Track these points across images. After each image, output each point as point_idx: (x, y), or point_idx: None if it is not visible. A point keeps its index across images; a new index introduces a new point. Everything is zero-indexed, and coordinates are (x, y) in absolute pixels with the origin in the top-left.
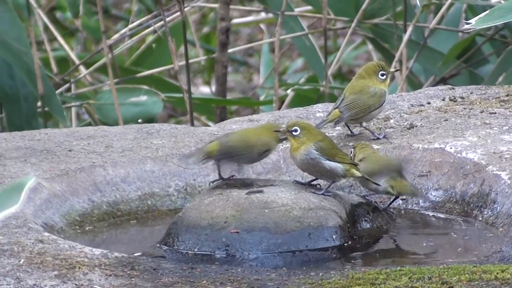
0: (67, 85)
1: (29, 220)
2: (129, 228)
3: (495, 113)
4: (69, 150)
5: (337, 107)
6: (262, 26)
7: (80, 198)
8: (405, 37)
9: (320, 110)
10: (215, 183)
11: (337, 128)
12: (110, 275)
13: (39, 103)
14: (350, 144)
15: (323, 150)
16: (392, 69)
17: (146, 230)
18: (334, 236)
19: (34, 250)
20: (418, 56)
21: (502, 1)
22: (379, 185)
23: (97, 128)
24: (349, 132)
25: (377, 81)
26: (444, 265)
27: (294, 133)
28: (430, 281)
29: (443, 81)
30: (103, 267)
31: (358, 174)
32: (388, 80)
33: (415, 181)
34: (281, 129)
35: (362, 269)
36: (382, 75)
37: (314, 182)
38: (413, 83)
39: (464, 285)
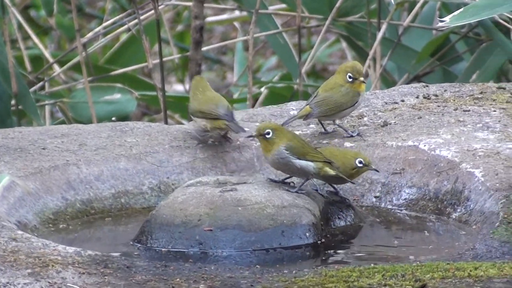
0: (41, 84)
1: (2, 218)
2: (103, 226)
3: (469, 110)
4: (43, 148)
5: (308, 104)
6: (236, 24)
7: (53, 196)
8: (379, 35)
9: (294, 108)
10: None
11: (311, 126)
12: (84, 273)
13: (13, 102)
14: (324, 141)
15: (293, 149)
16: (361, 78)
17: (119, 228)
18: (307, 234)
19: (8, 248)
20: (392, 54)
21: None
22: (354, 183)
23: (71, 126)
24: (322, 130)
25: (346, 82)
26: (418, 262)
27: (267, 136)
28: (403, 278)
29: (417, 78)
30: (76, 265)
31: (331, 172)
32: (363, 86)
33: (388, 178)
34: (253, 134)
35: (336, 267)
36: (350, 77)
37: (288, 180)
38: (387, 81)
39: (437, 283)
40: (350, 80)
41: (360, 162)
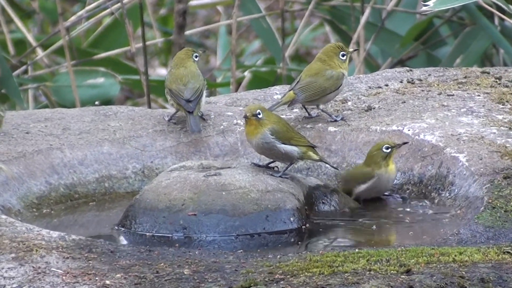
0: (24, 67)
1: None
2: (87, 211)
3: (453, 95)
4: (26, 133)
5: (292, 89)
6: (219, 8)
7: (37, 181)
8: (363, 19)
9: (277, 92)
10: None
11: (295, 110)
12: (68, 257)
13: None
14: (308, 126)
15: (278, 133)
16: (350, 49)
17: (103, 213)
18: (291, 219)
19: None
20: (375, 38)
21: None
22: (337, 168)
23: (54, 110)
24: (306, 114)
25: (338, 63)
26: (402, 247)
27: (258, 116)
28: (388, 263)
29: (400, 63)
30: (60, 249)
31: (315, 157)
32: (347, 62)
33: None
34: (246, 115)
35: (320, 252)
36: (343, 55)
37: (272, 165)
38: (371, 65)
39: (422, 268)
40: (344, 58)
41: (387, 148)
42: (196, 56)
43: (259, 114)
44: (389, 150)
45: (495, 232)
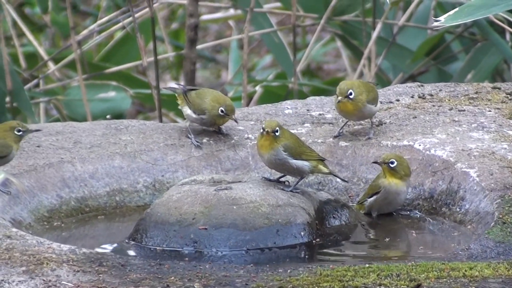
0: (35, 81)
1: None
2: (97, 224)
3: (464, 110)
4: (38, 146)
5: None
6: (231, 22)
7: (48, 194)
8: (374, 34)
9: (288, 107)
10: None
11: (306, 125)
12: (78, 271)
13: (7, 99)
14: (319, 140)
15: (290, 149)
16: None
17: (114, 226)
18: (302, 233)
19: (2, 246)
20: (387, 53)
21: None
22: (347, 182)
23: (65, 124)
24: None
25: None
26: (413, 262)
27: (276, 133)
28: (398, 278)
29: (411, 78)
30: (71, 263)
31: (325, 170)
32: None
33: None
34: (267, 130)
35: (331, 266)
36: (18, 131)
37: (283, 179)
38: (382, 80)
39: (432, 282)
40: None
41: (392, 163)
42: (19, 131)
43: (277, 131)
44: (383, 165)
45: (506, 247)
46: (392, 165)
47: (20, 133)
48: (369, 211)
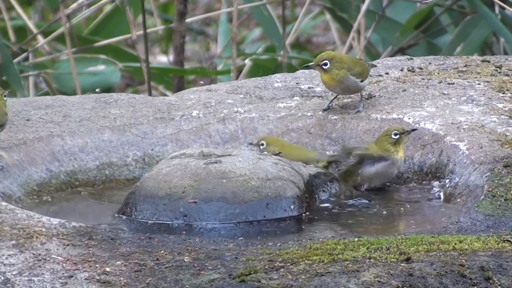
0: (25, 54)
1: None
2: (87, 198)
3: (453, 83)
4: (27, 120)
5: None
6: None
7: (38, 168)
8: (363, 7)
9: (278, 80)
10: None
11: (295, 98)
12: (68, 244)
13: None
14: (308, 114)
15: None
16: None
17: (104, 200)
18: (292, 206)
19: None
20: (376, 26)
21: None
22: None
23: (55, 97)
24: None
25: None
26: (402, 235)
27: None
28: (388, 251)
29: (401, 51)
30: (61, 236)
31: None
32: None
33: None
34: None
35: (320, 240)
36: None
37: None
38: (371, 54)
39: (422, 256)
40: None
41: (396, 134)
42: (5, 96)
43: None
44: (398, 136)
45: (495, 221)
46: (325, 67)
47: (5, 98)
48: (361, 183)
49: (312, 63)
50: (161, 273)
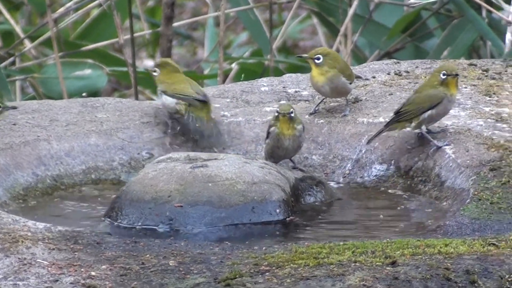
0: (11, 59)
1: None
2: (73, 202)
3: None
4: (14, 124)
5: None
6: (207, 0)
7: (24, 172)
8: (350, 11)
9: (265, 84)
10: None
11: (282, 102)
12: (54, 249)
13: None
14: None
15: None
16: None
17: (89, 204)
18: (277, 210)
19: None
20: (363, 30)
21: None
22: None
23: (41, 102)
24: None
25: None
26: (388, 239)
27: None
28: (373, 255)
29: (388, 55)
30: (46, 241)
31: None
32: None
33: (359, 155)
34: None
35: (306, 243)
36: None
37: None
38: (358, 57)
39: (407, 259)
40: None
41: (444, 74)
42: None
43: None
44: (445, 77)
45: (481, 224)
46: (317, 61)
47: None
48: (419, 126)
49: (306, 55)
50: (146, 277)
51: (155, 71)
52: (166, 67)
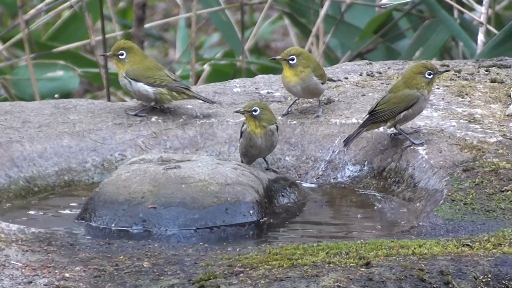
0: None
1: None
2: (46, 204)
3: None
4: None
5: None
6: (178, 0)
7: None
8: (322, 12)
9: (237, 85)
10: None
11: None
12: (27, 250)
13: None
14: (292, 120)
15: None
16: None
17: (63, 206)
18: (251, 212)
19: None
20: (335, 31)
21: None
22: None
23: (14, 103)
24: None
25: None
26: (362, 240)
27: (254, 113)
28: (347, 256)
29: (360, 56)
30: (20, 242)
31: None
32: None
33: (332, 156)
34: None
35: (279, 244)
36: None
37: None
38: (330, 58)
39: (381, 260)
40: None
41: (429, 74)
42: None
43: (255, 111)
44: (431, 76)
45: (455, 225)
46: (291, 62)
47: None
48: (394, 126)
49: (279, 57)
50: (120, 278)
51: (122, 55)
52: (133, 51)
